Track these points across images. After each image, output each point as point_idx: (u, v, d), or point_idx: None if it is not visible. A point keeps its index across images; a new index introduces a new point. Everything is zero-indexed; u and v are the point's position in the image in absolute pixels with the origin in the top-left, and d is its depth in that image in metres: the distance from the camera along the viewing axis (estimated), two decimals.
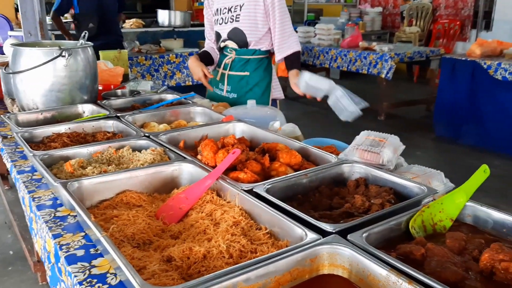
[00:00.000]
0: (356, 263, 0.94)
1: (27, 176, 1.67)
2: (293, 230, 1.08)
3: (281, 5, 2.44)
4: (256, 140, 1.82)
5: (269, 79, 2.63)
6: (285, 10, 2.48)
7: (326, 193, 1.38)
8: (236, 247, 1.04)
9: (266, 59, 2.59)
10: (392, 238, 1.09)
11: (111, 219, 1.22)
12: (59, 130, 1.87)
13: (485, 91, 4.99)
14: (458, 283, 0.91)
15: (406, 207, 1.18)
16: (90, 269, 1.09)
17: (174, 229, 1.20)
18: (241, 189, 1.28)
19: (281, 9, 2.44)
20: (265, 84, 2.60)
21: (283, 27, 2.46)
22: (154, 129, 1.98)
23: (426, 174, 1.48)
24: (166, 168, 1.46)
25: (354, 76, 8.69)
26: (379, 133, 1.61)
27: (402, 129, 5.94)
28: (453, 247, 1.02)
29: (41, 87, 2.14)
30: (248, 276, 0.88)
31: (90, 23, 4.70)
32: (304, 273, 0.95)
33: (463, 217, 1.18)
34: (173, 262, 1.01)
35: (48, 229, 1.28)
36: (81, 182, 1.32)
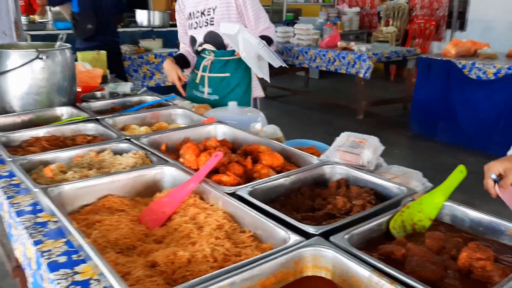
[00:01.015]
0: (339, 265, 0.96)
1: (5, 181, 1.64)
2: (276, 232, 1.09)
3: (253, 2, 2.45)
4: (238, 142, 1.83)
5: (249, 79, 2.64)
6: (258, 6, 2.49)
7: (307, 194, 1.40)
8: (221, 250, 1.05)
9: None
10: (373, 238, 1.11)
11: (93, 225, 1.21)
12: (37, 134, 1.84)
13: (460, 90, 5.11)
14: (437, 281, 0.93)
15: (386, 207, 1.20)
16: (73, 275, 1.08)
17: (158, 233, 1.20)
18: (224, 192, 1.29)
19: (253, 6, 2.45)
20: (245, 84, 2.61)
21: (258, 24, 2.47)
22: (135, 131, 1.97)
23: (405, 175, 1.51)
24: (148, 172, 1.46)
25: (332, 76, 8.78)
26: (359, 134, 1.64)
27: (380, 127, 6.03)
28: (432, 246, 1.05)
29: (18, 90, 2.10)
30: (233, 280, 0.89)
31: (88, 24, 4.63)
32: (288, 275, 0.97)
33: (441, 217, 1.21)
34: (158, 268, 1.01)
35: (29, 236, 1.26)
36: (62, 187, 1.31)
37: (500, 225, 1.11)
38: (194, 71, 2.72)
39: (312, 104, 7.48)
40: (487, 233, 1.14)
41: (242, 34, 2.11)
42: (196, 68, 2.68)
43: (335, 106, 7.16)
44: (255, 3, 2.48)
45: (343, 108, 6.94)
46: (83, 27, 4.64)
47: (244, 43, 2.14)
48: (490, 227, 1.13)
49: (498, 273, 0.93)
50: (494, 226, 1.13)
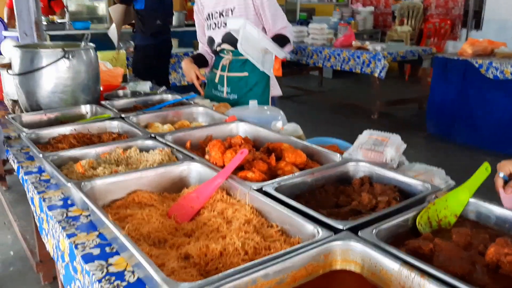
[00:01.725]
0: (368, 258, 0.98)
1: (35, 177, 1.69)
2: (304, 227, 1.12)
3: (270, 2, 2.47)
4: (259, 140, 1.85)
5: (268, 78, 2.67)
6: (275, 6, 2.51)
7: (331, 191, 1.42)
8: (251, 244, 1.08)
9: None
10: (400, 234, 1.13)
11: (125, 218, 1.24)
12: (65, 131, 1.89)
13: (476, 89, 5.08)
14: (465, 276, 0.95)
15: (411, 204, 1.22)
16: (107, 267, 1.12)
17: (187, 227, 1.23)
18: (251, 188, 1.31)
19: (270, 6, 2.47)
20: (264, 83, 2.64)
21: (275, 23, 2.50)
22: (158, 129, 2.01)
23: (428, 172, 1.52)
24: (175, 168, 1.49)
25: (346, 75, 8.78)
26: (382, 133, 1.66)
27: (395, 127, 6.02)
28: (459, 242, 1.06)
29: (45, 88, 2.16)
30: (267, 271, 0.92)
31: (157, 19, 4.79)
32: (318, 268, 0.99)
33: (466, 213, 1.23)
34: (191, 259, 1.04)
35: (62, 229, 1.31)
36: (94, 182, 1.35)
37: None
38: (212, 71, 2.75)
39: (326, 104, 7.48)
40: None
41: (245, 27, 2.15)
42: (214, 68, 2.72)
43: (349, 106, 7.16)
44: (272, 3, 2.50)
45: (357, 108, 6.94)
46: (152, 23, 4.78)
47: (246, 36, 2.18)
48: None
49: None
50: None
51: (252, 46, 2.21)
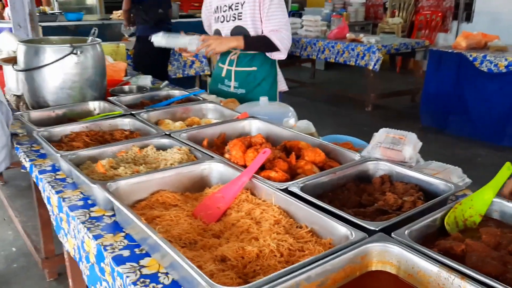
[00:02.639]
0: (405, 260, 1.00)
1: (50, 175, 1.67)
2: (335, 228, 1.13)
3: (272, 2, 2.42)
4: (272, 137, 1.85)
5: (275, 73, 2.67)
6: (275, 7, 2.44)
7: (353, 190, 1.44)
8: (285, 246, 1.09)
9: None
10: (429, 234, 1.15)
11: (153, 220, 1.24)
12: (76, 129, 1.87)
13: (470, 82, 5.14)
14: (499, 276, 0.97)
15: (437, 204, 1.24)
16: (140, 269, 1.13)
17: (215, 228, 1.24)
18: (277, 188, 1.32)
19: (270, 5, 2.42)
20: (272, 78, 2.64)
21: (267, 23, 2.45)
22: (170, 126, 2.00)
23: (445, 170, 1.55)
24: (197, 168, 1.49)
25: (339, 67, 8.81)
26: (398, 131, 1.67)
27: (389, 119, 6.07)
28: (489, 242, 1.09)
29: (52, 84, 2.13)
30: (309, 274, 0.93)
31: (159, 8, 4.78)
32: (355, 270, 1.01)
33: (490, 213, 1.25)
34: (228, 262, 1.05)
35: (87, 230, 1.30)
36: (120, 182, 1.34)
37: None
38: (218, 65, 2.74)
39: (319, 96, 7.50)
40: None
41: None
42: (221, 62, 2.70)
43: (343, 98, 7.19)
44: (274, 3, 2.44)
45: (351, 100, 6.97)
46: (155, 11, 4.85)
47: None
48: None
49: None
50: None
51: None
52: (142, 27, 4.91)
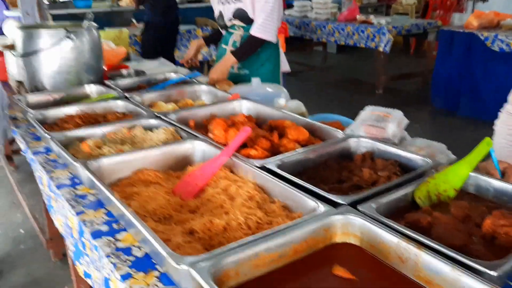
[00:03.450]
0: (368, 232, 1.01)
1: (42, 157, 1.72)
2: (306, 202, 1.15)
3: None
4: (262, 117, 1.87)
5: (278, 53, 2.68)
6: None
7: (334, 167, 1.44)
8: (253, 219, 1.11)
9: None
10: (399, 208, 1.15)
11: (131, 196, 1.28)
12: (70, 112, 1.91)
13: (482, 62, 5.04)
14: (463, 247, 0.98)
15: (411, 178, 1.24)
16: (115, 242, 1.16)
17: (192, 204, 1.27)
18: (254, 165, 1.34)
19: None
20: (274, 58, 2.65)
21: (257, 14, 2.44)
22: (163, 108, 2.03)
23: (429, 147, 1.54)
24: (180, 147, 1.52)
25: (351, 50, 8.71)
26: (384, 108, 1.67)
27: (400, 102, 6.00)
28: (457, 215, 1.09)
29: (49, 69, 2.18)
30: (269, 245, 0.95)
31: None
32: (318, 242, 1.02)
33: (466, 187, 1.25)
34: (196, 235, 1.08)
35: (71, 207, 1.35)
36: (101, 161, 1.38)
37: None
38: (221, 46, 2.73)
39: (330, 80, 7.44)
40: (511, 202, 1.17)
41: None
42: (224, 43, 2.70)
43: (353, 82, 7.13)
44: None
45: (362, 83, 6.91)
46: None
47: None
48: None
49: None
50: None
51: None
52: (151, 13, 4.94)
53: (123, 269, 1.06)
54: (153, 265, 1.07)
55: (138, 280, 1.02)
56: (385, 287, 0.92)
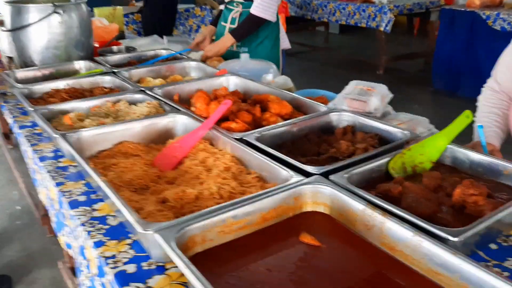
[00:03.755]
0: (337, 200, 1.01)
1: (28, 130, 1.74)
2: (280, 173, 1.15)
3: None
4: (249, 92, 1.86)
5: (278, 30, 2.64)
6: None
7: (314, 141, 1.44)
8: (226, 189, 1.12)
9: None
10: (373, 179, 1.16)
11: (109, 167, 1.29)
12: (57, 86, 1.92)
13: (483, 42, 4.96)
14: (430, 216, 0.98)
15: (388, 150, 1.24)
16: (92, 212, 1.18)
17: (170, 175, 1.27)
18: (233, 138, 1.34)
19: None
20: (274, 35, 2.62)
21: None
22: (150, 84, 2.02)
23: (412, 121, 1.54)
24: (161, 120, 1.52)
25: (354, 31, 8.61)
26: (368, 83, 1.66)
27: (400, 82, 5.94)
28: (429, 185, 1.09)
29: (38, 44, 2.17)
30: (236, 212, 0.96)
31: None
32: (288, 210, 1.03)
33: (443, 159, 1.25)
34: (168, 203, 1.09)
35: (51, 178, 1.36)
36: (80, 133, 1.38)
37: (498, 165, 1.14)
38: (221, 24, 2.70)
39: (331, 60, 7.38)
40: (486, 173, 1.17)
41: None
42: (223, 21, 2.67)
43: (355, 62, 7.06)
44: None
45: (363, 64, 6.84)
46: None
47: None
48: (489, 168, 1.16)
49: (489, 207, 0.97)
50: (492, 166, 1.16)
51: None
52: None
53: (96, 237, 1.08)
54: (127, 234, 1.08)
55: (110, 247, 1.03)
56: (349, 253, 0.93)
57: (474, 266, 0.77)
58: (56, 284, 2.39)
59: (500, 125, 1.51)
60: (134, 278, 0.93)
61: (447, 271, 0.81)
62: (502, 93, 1.59)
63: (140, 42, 2.86)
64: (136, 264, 0.97)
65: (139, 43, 2.84)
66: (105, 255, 1.01)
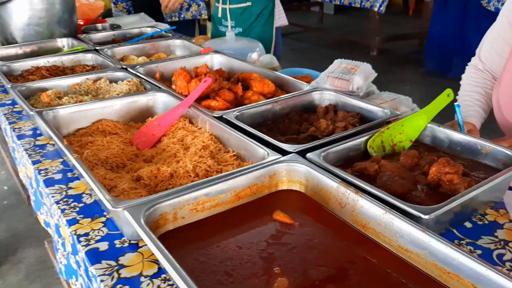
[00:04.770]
0: (312, 178, 1.01)
1: (7, 108, 1.71)
2: (257, 151, 1.14)
3: None
4: (233, 71, 1.84)
5: (272, 6, 2.55)
6: None
7: (295, 120, 1.43)
8: (203, 167, 1.11)
9: None
10: (351, 157, 1.15)
11: (86, 145, 1.27)
12: (37, 64, 1.88)
13: (476, 23, 4.92)
14: (405, 194, 0.98)
15: (367, 129, 1.23)
16: (67, 190, 1.16)
17: (147, 153, 1.26)
18: (212, 116, 1.32)
19: None
20: (268, 12, 2.53)
21: None
22: (133, 62, 1.99)
23: (394, 100, 1.52)
24: (141, 98, 1.50)
25: (349, 11, 8.53)
26: (351, 61, 1.64)
27: (393, 64, 5.91)
28: (405, 163, 1.08)
29: (19, 21, 2.13)
30: (209, 190, 0.94)
31: None
32: (263, 188, 1.02)
33: (422, 138, 1.24)
34: (142, 181, 1.07)
35: (28, 156, 1.34)
36: (57, 111, 1.36)
37: (476, 144, 1.14)
38: (215, 5, 2.63)
39: (325, 41, 7.31)
40: (464, 152, 1.16)
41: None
42: (216, 1, 2.61)
43: (348, 43, 7.00)
44: None
45: (357, 44, 6.78)
46: None
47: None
48: (468, 147, 1.15)
49: (464, 186, 0.96)
50: (471, 145, 1.15)
51: None
52: None
53: (70, 215, 1.07)
54: (101, 212, 1.07)
55: (83, 226, 1.02)
56: (321, 231, 0.92)
57: (442, 243, 0.76)
58: (42, 263, 2.39)
59: (482, 105, 1.50)
60: (106, 256, 0.93)
61: (417, 248, 0.80)
62: (486, 71, 1.58)
63: (127, 20, 2.81)
64: (108, 241, 0.97)
65: (126, 21, 2.79)
66: (78, 232, 1.00)
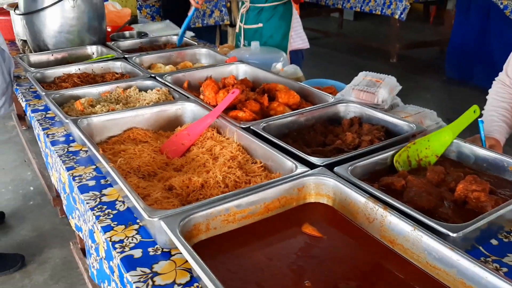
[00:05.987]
0: (340, 192, 1.03)
1: (41, 114, 1.77)
2: (285, 163, 1.16)
3: None
4: (258, 81, 1.87)
5: (286, 29, 2.56)
6: None
7: (320, 131, 1.45)
8: (232, 178, 1.14)
9: (282, 6, 2.53)
10: (377, 171, 1.17)
11: (119, 153, 1.31)
12: (69, 71, 1.95)
13: (499, 32, 4.87)
14: (432, 210, 0.99)
15: (393, 143, 1.24)
16: (101, 197, 1.21)
17: (177, 162, 1.30)
18: (240, 127, 1.36)
19: None
20: (280, 34, 2.55)
21: None
22: (161, 70, 2.04)
23: (419, 114, 1.53)
24: (170, 107, 1.54)
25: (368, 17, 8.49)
26: (377, 74, 1.65)
27: (413, 71, 5.88)
28: (432, 179, 1.10)
29: (51, 28, 2.20)
30: (240, 202, 0.98)
31: None
32: (291, 200, 1.05)
33: (448, 153, 1.25)
34: (174, 191, 1.11)
35: (62, 162, 1.39)
36: (91, 119, 1.41)
37: (503, 161, 1.14)
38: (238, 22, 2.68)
39: (345, 47, 7.31)
40: (490, 169, 1.17)
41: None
42: (240, 20, 2.66)
43: (368, 49, 6.98)
44: None
45: (377, 51, 6.76)
46: None
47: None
48: (494, 164, 1.16)
49: (491, 204, 0.97)
50: (497, 162, 1.16)
51: None
52: None
53: (105, 221, 1.11)
54: (135, 219, 1.11)
55: (118, 232, 1.06)
56: (349, 245, 0.95)
57: (471, 261, 0.78)
58: (67, 264, 2.45)
59: (507, 120, 1.50)
60: (140, 263, 0.96)
61: (445, 266, 0.82)
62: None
63: (153, 27, 2.87)
64: (142, 249, 1.00)
65: (151, 28, 2.86)
66: (113, 239, 1.04)
